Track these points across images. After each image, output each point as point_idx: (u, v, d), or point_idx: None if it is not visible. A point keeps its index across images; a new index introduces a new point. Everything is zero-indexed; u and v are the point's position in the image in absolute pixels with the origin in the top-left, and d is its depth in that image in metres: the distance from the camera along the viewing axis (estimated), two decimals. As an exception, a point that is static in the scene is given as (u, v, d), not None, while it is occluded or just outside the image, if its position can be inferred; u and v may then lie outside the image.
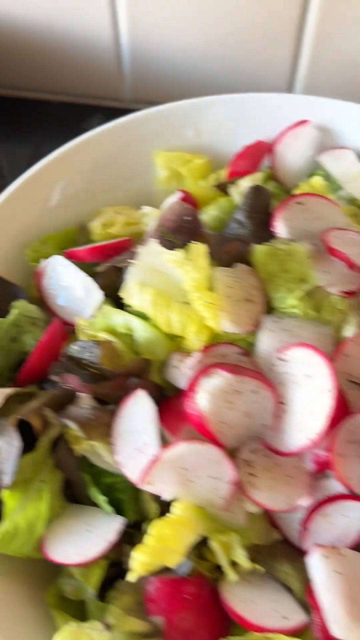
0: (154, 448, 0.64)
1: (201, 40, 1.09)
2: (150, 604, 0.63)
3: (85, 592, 0.63)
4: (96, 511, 0.67)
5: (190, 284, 0.66)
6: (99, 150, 0.89)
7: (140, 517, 0.67)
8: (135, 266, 0.72)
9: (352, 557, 0.62)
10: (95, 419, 0.65)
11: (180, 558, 0.60)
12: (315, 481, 0.66)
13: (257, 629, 0.60)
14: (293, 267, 0.72)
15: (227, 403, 0.64)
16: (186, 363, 0.68)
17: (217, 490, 0.63)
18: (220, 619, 0.63)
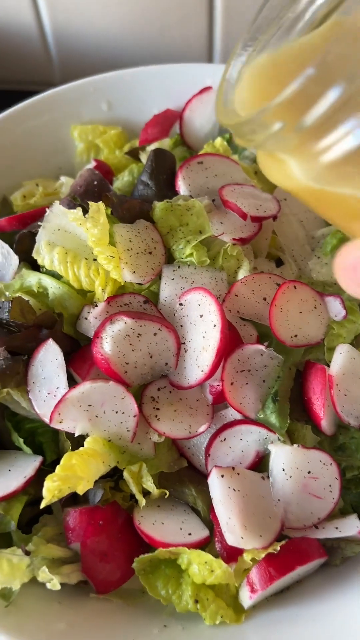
0: (64, 391, 0.70)
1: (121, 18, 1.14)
2: (68, 532, 0.69)
3: (8, 525, 0.69)
4: (18, 454, 0.73)
5: (92, 240, 0.72)
6: (18, 126, 0.94)
7: (58, 456, 0.73)
8: (44, 228, 0.77)
9: (247, 475, 0.68)
10: (9, 369, 0.71)
11: (88, 485, 0.66)
12: (215, 411, 0.72)
13: (163, 545, 0.66)
14: (191, 221, 0.77)
15: (130, 345, 0.70)
16: (93, 312, 0.74)
17: (122, 423, 0.69)
18: (135, 542, 0.69)
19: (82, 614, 0.67)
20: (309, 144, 0.44)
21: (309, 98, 0.42)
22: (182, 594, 0.66)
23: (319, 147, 0.43)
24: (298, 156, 0.46)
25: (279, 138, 0.46)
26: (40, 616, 0.65)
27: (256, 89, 0.55)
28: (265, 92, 0.53)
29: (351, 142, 0.42)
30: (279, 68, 0.54)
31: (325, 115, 0.42)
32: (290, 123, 0.43)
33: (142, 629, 0.66)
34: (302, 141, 0.44)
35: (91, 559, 0.67)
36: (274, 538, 0.65)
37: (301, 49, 0.54)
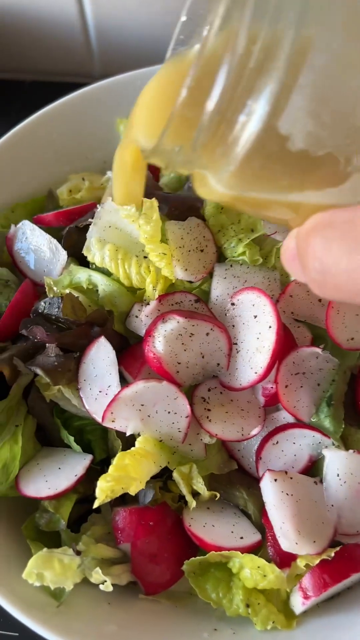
0: (115, 389, 0.69)
1: (163, 11, 1.12)
2: (118, 532, 0.69)
3: (58, 524, 0.68)
4: (67, 452, 0.72)
5: (144, 237, 0.71)
6: (63, 120, 0.93)
7: (108, 454, 0.72)
8: (95, 224, 0.77)
9: (300, 480, 0.67)
10: (60, 366, 0.70)
11: (140, 485, 0.65)
12: (267, 413, 0.71)
13: (215, 548, 0.66)
14: (243, 219, 0.76)
15: (182, 345, 0.69)
16: (144, 311, 0.73)
17: (174, 424, 0.68)
18: (184, 544, 0.69)
19: (132, 615, 0.66)
20: (214, 156, 0.43)
21: (191, 118, 0.42)
22: (232, 598, 0.66)
23: (222, 156, 0.43)
24: (210, 169, 0.46)
25: (185, 159, 0.45)
26: (90, 617, 0.65)
27: (152, 108, 0.55)
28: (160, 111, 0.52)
29: (245, 143, 0.41)
30: (167, 85, 0.54)
31: (210, 129, 0.41)
32: (187, 143, 0.43)
33: (193, 631, 0.65)
34: (207, 155, 0.43)
35: (141, 559, 0.67)
36: (328, 544, 0.64)
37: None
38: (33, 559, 0.64)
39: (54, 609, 0.63)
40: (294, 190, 0.44)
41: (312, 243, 0.43)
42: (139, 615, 0.66)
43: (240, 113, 0.40)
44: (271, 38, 0.39)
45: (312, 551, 0.63)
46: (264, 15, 0.39)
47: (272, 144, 0.41)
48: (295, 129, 0.40)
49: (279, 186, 0.45)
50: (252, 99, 0.40)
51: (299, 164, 0.42)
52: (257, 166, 0.43)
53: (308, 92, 0.40)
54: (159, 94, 0.55)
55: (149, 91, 0.54)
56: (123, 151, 0.60)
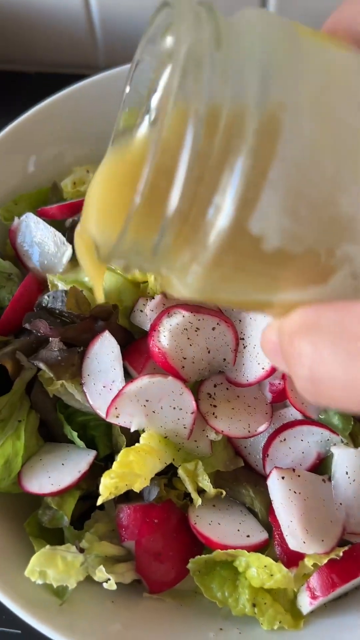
0: (120, 384, 0.68)
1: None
2: (122, 530, 0.67)
3: (61, 520, 0.67)
4: (70, 447, 0.71)
5: (147, 228, 0.69)
6: (67, 111, 0.91)
7: (111, 450, 0.71)
8: (98, 218, 0.75)
9: (308, 478, 0.66)
10: (64, 360, 0.69)
11: (145, 482, 0.64)
12: (274, 410, 0.70)
13: (221, 547, 0.64)
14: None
15: (187, 340, 0.68)
16: (149, 305, 0.72)
17: (180, 420, 0.67)
18: (189, 542, 0.67)
19: (136, 614, 0.65)
20: (177, 260, 0.38)
21: (149, 222, 0.36)
22: (238, 597, 0.65)
23: (186, 259, 0.37)
24: (173, 272, 0.40)
25: (144, 264, 0.40)
26: (94, 616, 0.64)
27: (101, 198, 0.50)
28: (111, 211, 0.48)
29: (212, 246, 0.36)
30: (115, 179, 0.46)
31: (171, 233, 0.36)
32: (146, 248, 0.37)
33: (198, 631, 0.64)
34: (169, 258, 0.38)
35: (146, 558, 0.66)
36: (336, 543, 0.63)
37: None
38: (35, 557, 0.63)
39: (57, 607, 0.62)
40: (271, 290, 0.39)
41: (299, 347, 0.38)
42: (144, 614, 0.65)
43: (204, 214, 0.35)
44: (233, 119, 0.34)
45: (320, 550, 0.62)
46: (224, 87, 0.34)
47: (243, 244, 0.36)
48: (268, 228, 0.36)
49: (253, 286, 0.40)
50: (218, 196, 0.35)
51: (276, 263, 0.37)
52: (227, 268, 0.38)
53: (280, 187, 0.35)
54: (107, 190, 0.48)
55: (97, 184, 0.48)
56: (79, 239, 0.54)
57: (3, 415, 0.70)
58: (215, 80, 0.34)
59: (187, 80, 0.34)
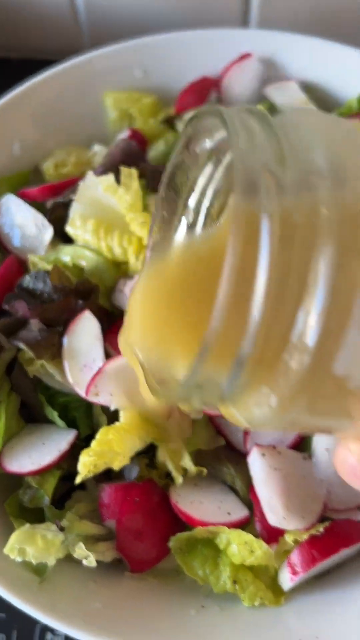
0: (100, 363, 0.68)
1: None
2: (103, 509, 0.67)
3: (42, 500, 0.67)
4: (51, 428, 0.71)
5: (124, 206, 0.69)
6: (49, 93, 0.91)
7: (93, 430, 0.71)
8: (77, 200, 0.75)
9: (288, 455, 0.66)
10: (44, 340, 0.69)
11: (124, 460, 0.64)
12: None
13: (201, 523, 0.64)
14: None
15: (168, 319, 0.68)
16: (128, 285, 0.71)
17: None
18: (170, 521, 0.67)
19: (117, 593, 0.65)
20: (248, 399, 0.35)
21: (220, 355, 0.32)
22: (219, 575, 0.64)
23: (260, 398, 0.35)
24: (240, 410, 0.38)
25: (206, 401, 0.37)
26: (75, 595, 0.64)
27: (147, 317, 0.46)
28: (160, 318, 0.44)
29: (290, 386, 0.33)
30: (171, 288, 0.44)
31: (246, 374, 0.32)
32: (215, 385, 0.34)
33: (179, 609, 0.64)
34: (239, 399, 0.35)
35: (126, 536, 0.66)
36: (316, 519, 0.63)
37: (196, 259, 0.45)
38: (15, 534, 0.63)
39: (38, 585, 0.62)
40: (348, 418, 0.37)
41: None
42: (125, 594, 0.65)
43: (281, 356, 0.32)
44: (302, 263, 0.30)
45: (301, 526, 0.62)
46: (295, 201, 0.31)
47: (324, 385, 0.33)
48: (355, 368, 0.33)
49: (328, 418, 0.38)
50: (297, 336, 0.31)
51: (357, 398, 0.35)
52: (302, 407, 0.35)
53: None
54: (151, 305, 0.46)
55: (141, 297, 0.45)
56: (122, 343, 0.52)
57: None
58: (284, 195, 0.32)
59: (252, 198, 0.31)
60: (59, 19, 1.20)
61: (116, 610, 0.63)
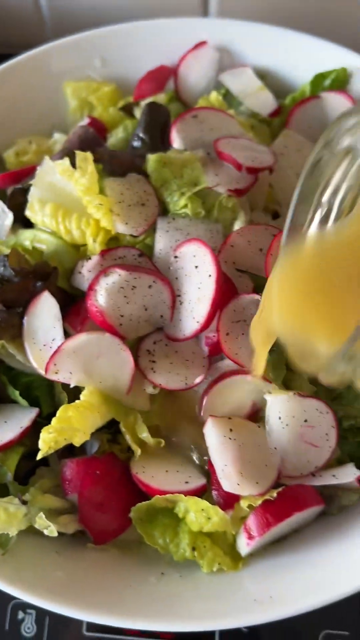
0: (59, 342, 0.69)
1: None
2: (66, 483, 0.69)
3: (4, 476, 0.68)
4: (14, 407, 0.73)
5: (80, 190, 0.71)
6: (9, 83, 0.92)
7: (54, 409, 0.73)
8: (34, 185, 0.77)
9: (242, 424, 0.68)
10: (4, 322, 0.70)
11: (84, 436, 0.66)
12: (212, 363, 0.72)
13: (160, 492, 0.66)
14: (185, 173, 0.77)
15: (124, 298, 0.70)
16: (86, 266, 0.73)
17: (118, 375, 0.69)
18: (131, 493, 0.69)
19: (80, 563, 0.67)
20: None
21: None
22: (179, 543, 0.67)
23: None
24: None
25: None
26: (38, 565, 0.66)
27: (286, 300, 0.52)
28: (302, 304, 0.50)
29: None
30: (314, 275, 0.51)
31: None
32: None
33: (140, 577, 0.66)
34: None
35: (88, 509, 0.68)
36: (271, 485, 0.65)
37: (337, 247, 0.51)
38: (-22, 512, 0.64)
39: (1, 558, 0.64)
40: None
41: None
42: (88, 564, 0.67)
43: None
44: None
45: (255, 492, 0.64)
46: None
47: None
48: None
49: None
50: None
51: None
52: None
53: None
54: (293, 291, 0.51)
55: (282, 283, 0.51)
56: (257, 327, 0.59)
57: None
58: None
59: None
60: (22, 12, 1.21)
61: (79, 580, 0.65)
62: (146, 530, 0.67)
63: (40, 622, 0.77)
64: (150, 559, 0.68)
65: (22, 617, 0.78)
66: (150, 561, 0.68)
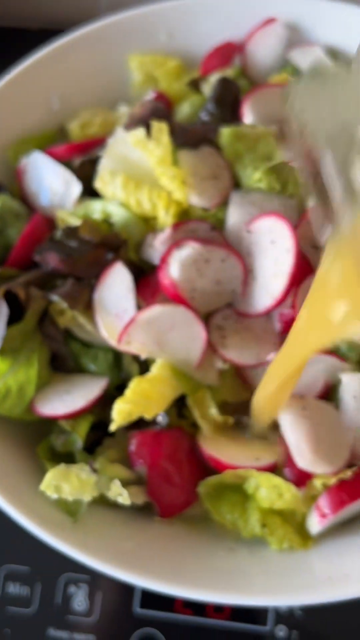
0: (132, 313, 0.69)
1: None
2: (133, 455, 0.69)
3: (74, 444, 0.68)
4: (84, 376, 0.72)
5: (154, 160, 0.70)
6: (74, 54, 0.92)
7: (122, 381, 0.72)
8: (105, 156, 0.76)
9: (316, 403, 0.67)
10: (76, 292, 0.70)
11: (158, 410, 0.65)
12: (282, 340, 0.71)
13: (230, 467, 0.66)
14: (259, 147, 0.75)
15: (197, 271, 0.69)
16: (159, 238, 0.72)
17: (190, 349, 0.68)
18: (199, 467, 0.69)
19: (147, 535, 0.67)
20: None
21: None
22: (248, 519, 0.66)
23: None
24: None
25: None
26: (106, 535, 0.65)
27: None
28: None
29: None
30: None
31: None
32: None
33: (209, 550, 0.66)
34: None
35: (157, 481, 0.67)
36: (344, 465, 0.65)
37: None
38: (51, 472, 0.64)
39: (71, 525, 0.64)
40: None
41: None
42: (156, 535, 0.67)
43: None
44: None
45: (329, 470, 0.63)
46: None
47: None
48: None
49: None
50: None
51: None
52: None
53: None
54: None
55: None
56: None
57: (16, 344, 0.70)
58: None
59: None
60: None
61: (147, 551, 0.65)
62: (215, 506, 0.67)
63: (91, 598, 0.77)
64: (218, 534, 0.68)
65: (74, 590, 0.78)
66: (217, 536, 0.68)
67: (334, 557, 0.64)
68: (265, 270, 0.69)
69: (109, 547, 0.63)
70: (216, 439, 0.69)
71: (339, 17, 0.92)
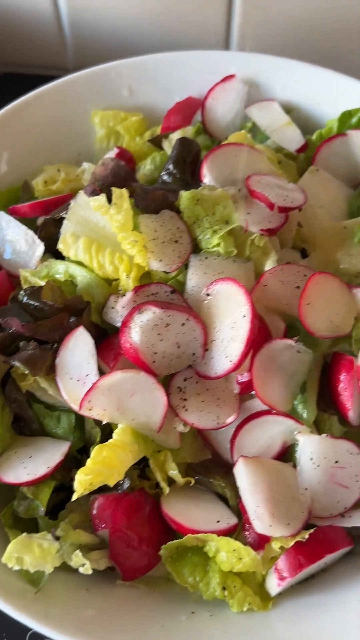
0: (94, 378, 0.70)
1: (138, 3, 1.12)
2: (96, 519, 0.69)
3: (36, 510, 0.69)
4: (45, 440, 0.73)
5: (115, 226, 0.72)
6: (38, 111, 0.93)
7: (85, 443, 0.73)
8: (68, 219, 0.77)
9: (273, 465, 0.69)
10: (39, 357, 0.71)
11: (119, 477, 0.66)
12: (242, 402, 0.72)
13: (191, 531, 0.67)
14: (217, 211, 0.77)
15: (158, 335, 0.70)
16: (120, 302, 0.74)
17: (151, 414, 0.69)
18: (161, 529, 0.70)
19: (110, 600, 0.67)
20: None
21: None
22: (209, 581, 0.67)
23: None
24: None
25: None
26: (68, 603, 0.66)
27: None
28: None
29: None
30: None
31: None
32: None
33: (170, 615, 0.67)
34: None
35: (119, 545, 0.68)
36: (302, 526, 0.66)
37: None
38: (13, 543, 0.65)
39: (33, 595, 0.64)
40: None
41: None
42: (118, 601, 0.67)
43: None
44: None
45: (287, 533, 0.65)
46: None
47: None
48: None
49: None
50: None
51: None
52: None
53: None
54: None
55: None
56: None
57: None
58: None
59: None
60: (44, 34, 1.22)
61: (109, 617, 0.65)
62: (176, 568, 0.68)
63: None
64: (179, 596, 0.69)
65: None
66: (179, 599, 0.69)
67: (292, 618, 0.66)
68: (223, 333, 0.71)
69: (70, 615, 0.64)
70: (178, 501, 0.70)
71: (295, 74, 0.95)
